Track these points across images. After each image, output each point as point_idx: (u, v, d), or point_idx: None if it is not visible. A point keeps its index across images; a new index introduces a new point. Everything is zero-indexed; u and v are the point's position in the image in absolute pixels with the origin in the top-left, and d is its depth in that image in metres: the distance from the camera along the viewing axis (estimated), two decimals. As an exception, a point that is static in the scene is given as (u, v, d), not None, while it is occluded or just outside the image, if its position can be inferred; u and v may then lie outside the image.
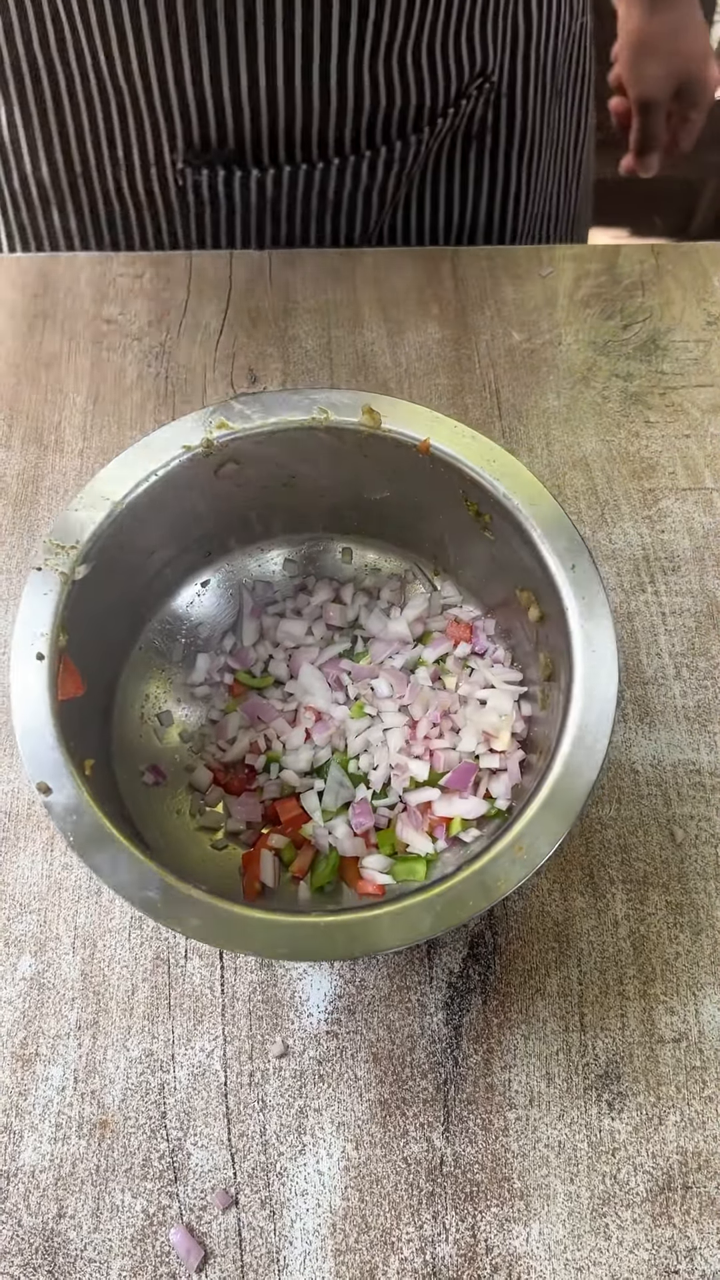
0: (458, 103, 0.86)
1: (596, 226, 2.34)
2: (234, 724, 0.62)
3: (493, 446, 0.55)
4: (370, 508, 0.63)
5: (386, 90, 0.81)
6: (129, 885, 0.45)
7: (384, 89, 0.81)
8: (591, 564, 0.52)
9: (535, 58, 0.89)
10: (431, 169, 0.91)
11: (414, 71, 0.81)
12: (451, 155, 0.91)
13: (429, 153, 0.88)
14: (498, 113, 0.90)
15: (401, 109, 0.83)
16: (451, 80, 0.84)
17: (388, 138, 0.85)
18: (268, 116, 0.80)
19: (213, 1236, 0.52)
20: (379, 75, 0.80)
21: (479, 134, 0.90)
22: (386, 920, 0.45)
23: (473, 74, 0.85)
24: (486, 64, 0.85)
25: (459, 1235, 0.52)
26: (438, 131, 0.86)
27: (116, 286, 0.83)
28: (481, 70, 0.85)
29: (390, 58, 0.79)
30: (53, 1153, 0.54)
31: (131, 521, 0.54)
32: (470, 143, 0.90)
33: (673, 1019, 0.57)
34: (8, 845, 0.61)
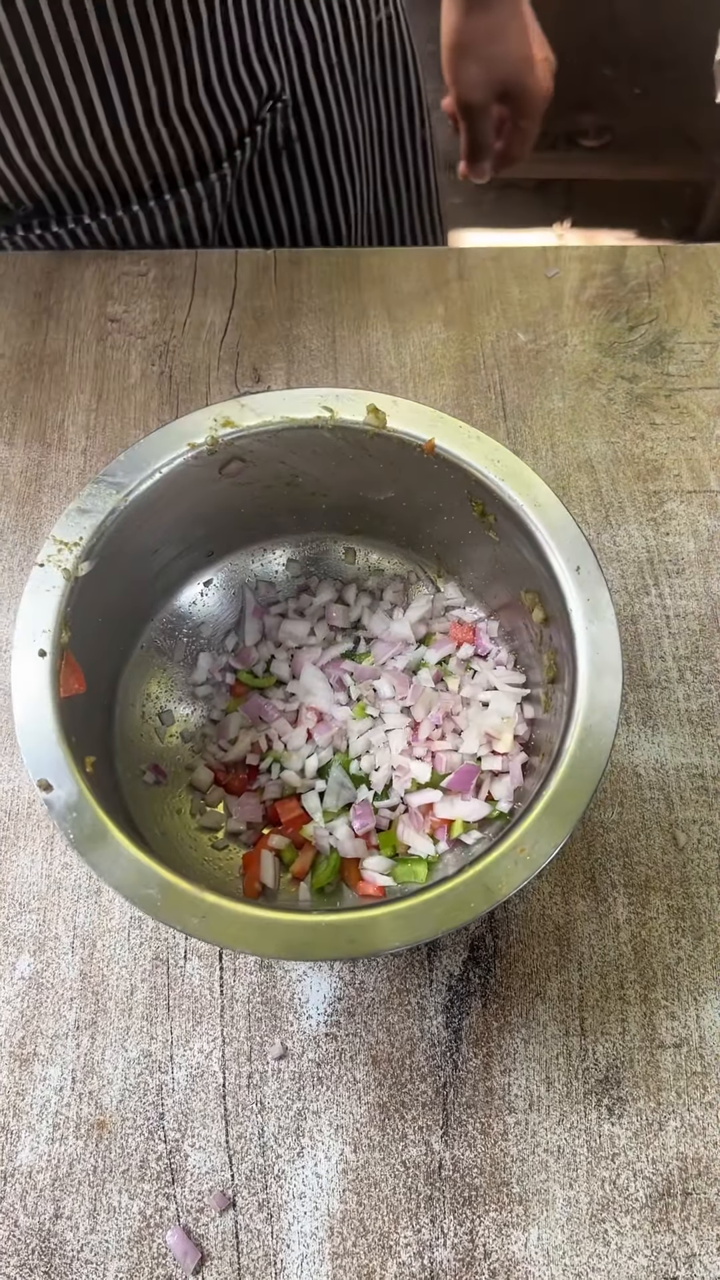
0: (253, 130, 0.84)
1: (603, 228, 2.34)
2: (235, 724, 0.62)
3: (498, 447, 0.55)
4: (374, 508, 0.63)
5: (172, 139, 0.79)
6: (129, 883, 0.45)
7: (170, 142, 0.79)
8: (596, 566, 0.52)
9: (326, 62, 0.87)
10: (248, 185, 0.89)
11: (197, 115, 0.79)
12: (265, 169, 0.89)
13: (238, 177, 0.87)
14: (300, 122, 0.88)
15: (195, 153, 0.82)
16: (240, 111, 0.82)
17: (189, 178, 0.83)
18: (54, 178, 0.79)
19: (210, 1238, 0.51)
20: (173, 123, 0.78)
21: (285, 146, 0.89)
22: (388, 921, 0.45)
23: (261, 99, 0.83)
24: (274, 85, 0.83)
25: (457, 1240, 0.51)
26: (242, 161, 0.85)
27: (121, 284, 0.83)
28: (270, 92, 0.84)
29: (181, 106, 0.77)
30: (50, 1153, 0.53)
31: (135, 519, 0.54)
32: (280, 154, 0.89)
33: (673, 1024, 0.56)
34: (7, 844, 0.61)
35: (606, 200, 2.37)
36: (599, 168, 2.40)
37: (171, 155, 0.80)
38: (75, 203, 0.82)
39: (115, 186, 0.81)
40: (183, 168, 0.82)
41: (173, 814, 0.59)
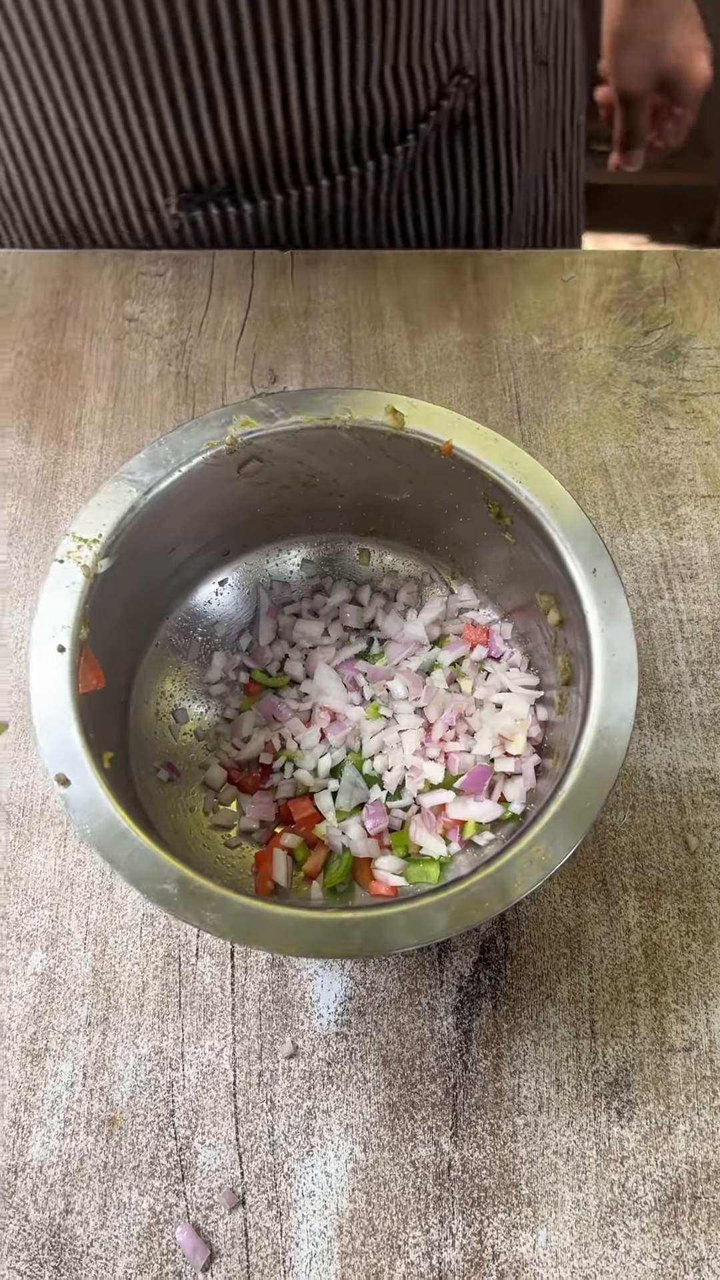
0: (439, 104, 0.85)
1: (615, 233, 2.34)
2: (249, 723, 0.62)
3: (515, 449, 0.55)
4: (389, 509, 0.63)
5: (368, 108, 0.80)
6: (145, 879, 0.45)
7: (366, 107, 0.80)
8: (613, 568, 0.52)
9: (511, 41, 0.87)
10: (420, 166, 0.90)
11: (394, 84, 0.80)
12: (439, 150, 0.89)
13: (417, 153, 0.87)
14: (479, 102, 0.88)
15: (385, 122, 0.82)
16: (431, 85, 0.83)
17: (374, 151, 0.84)
18: (253, 152, 0.80)
19: (219, 1236, 0.52)
20: (359, 95, 0.79)
21: (463, 125, 0.89)
22: (402, 919, 0.45)
23: (450, 73, 0.84)
24: (463, 60, 0.84)
25: (466, 1241, 0.51)
26: (422, 136, 0.86)
27: (139, 284, 0.83)
28: (458, 68, 0.84)
29: (370, 76, 0.78)
30: (61, 1148, 0.53)
31: (154, 517, 0.54)
32: (455, 134, 0.89)
33: (684, 1028, 0.56)
34: (21, 840, 0.61)
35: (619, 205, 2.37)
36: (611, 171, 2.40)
37: (365, 121, 0.81)
38: (264, 178, 0.83)
39: (306, 160, 0.82)
40: (370, 138, 0.83)
41: (186, 812, 0.59)
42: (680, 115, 1.05)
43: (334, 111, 0.79)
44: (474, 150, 0.91)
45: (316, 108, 0.78)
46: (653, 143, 1.09)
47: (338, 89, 0.78)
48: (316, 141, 0.81)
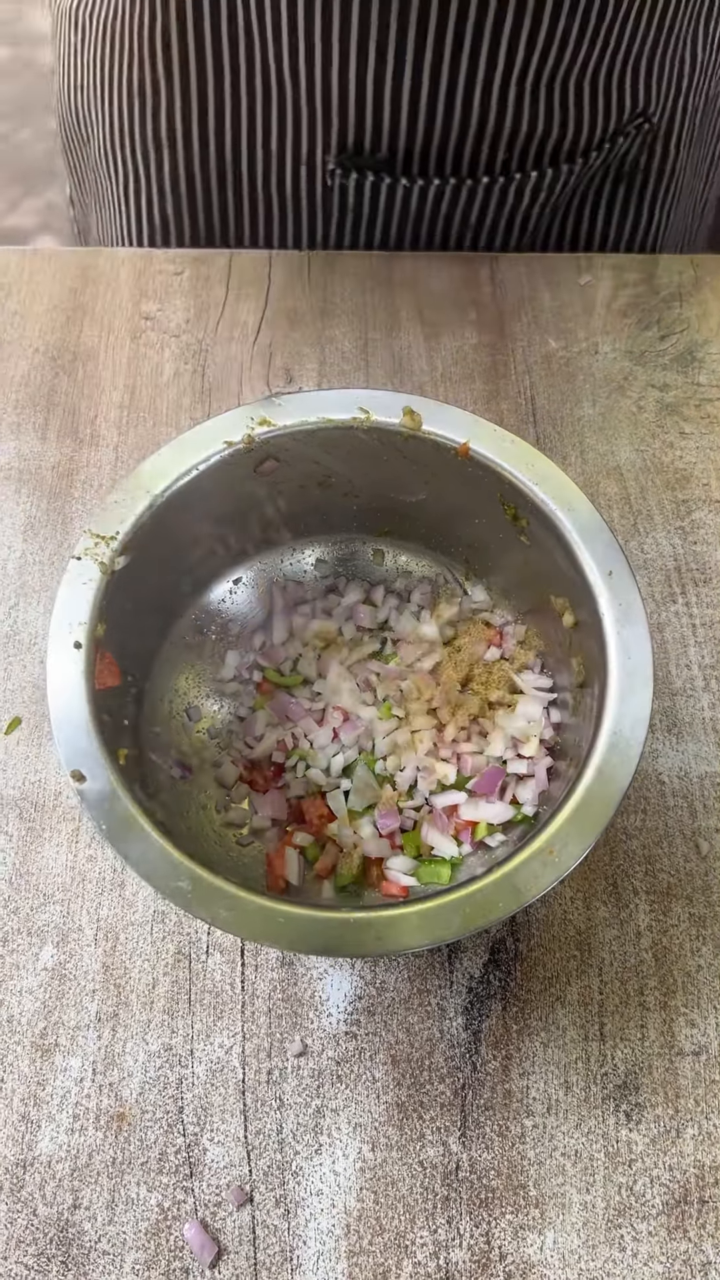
0: (614, 139, 0.85)
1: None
2: (261, 721, 0.62)
3: (532, 451, 0.55)
4: (404, 510, 0.63)
5: (544, 117, 0.81)
6: (160, 875, 0.45)
7: (540, 115, 0.80)
8: (629, 571, 0.52)
9: (694, 99, 0.88)
10: (578, 201, 0.90)
11: (574, 102, 0.80)
12: (600, 190, 0.90)
13: (576, 185, 0.87)
14: (651, 153, 0.88)
15: (556, 138, 0.83)
16: (611, 116, 0.83)
17: (538, 163, 0.84)
18: (424, 127, 0.80)
19: (227, 1233, 0.52)
20: (538, 101, 0.79)
21: (630, 173, 0.89)
22: (415, 919, 0.45)
23: (633, 113, 0.84)
24: (648, 104, 0.84)
25: (473, 1241, 0.51)
26: (589, 165, 0.85)
27: (156, 283, 0.83)
28: (642, 110, 0.84)
29: (552, 85, 0.79)
30: (69, 1143, 0.54)
31: (170, 515, 0.55)
32: (620, 181, 0.90)
33: (693, 1031, 0.56)
34: (33, 836, 0.61)
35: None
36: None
37: (538, 129, 0.82)
38: (426, 160, 0.83)
39: (471, 150, 0.83)
40: (538, 149, 0.83)
41: (198, 809, 0.59)
42: None
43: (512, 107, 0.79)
44: (632, 200, 0.92)
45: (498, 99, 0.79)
46: None
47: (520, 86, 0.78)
48: (488, 132, 0.81)
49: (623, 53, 0.79)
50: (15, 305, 0.82)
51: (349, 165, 0.83)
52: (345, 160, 0.83)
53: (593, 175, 0.87)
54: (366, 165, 0.83)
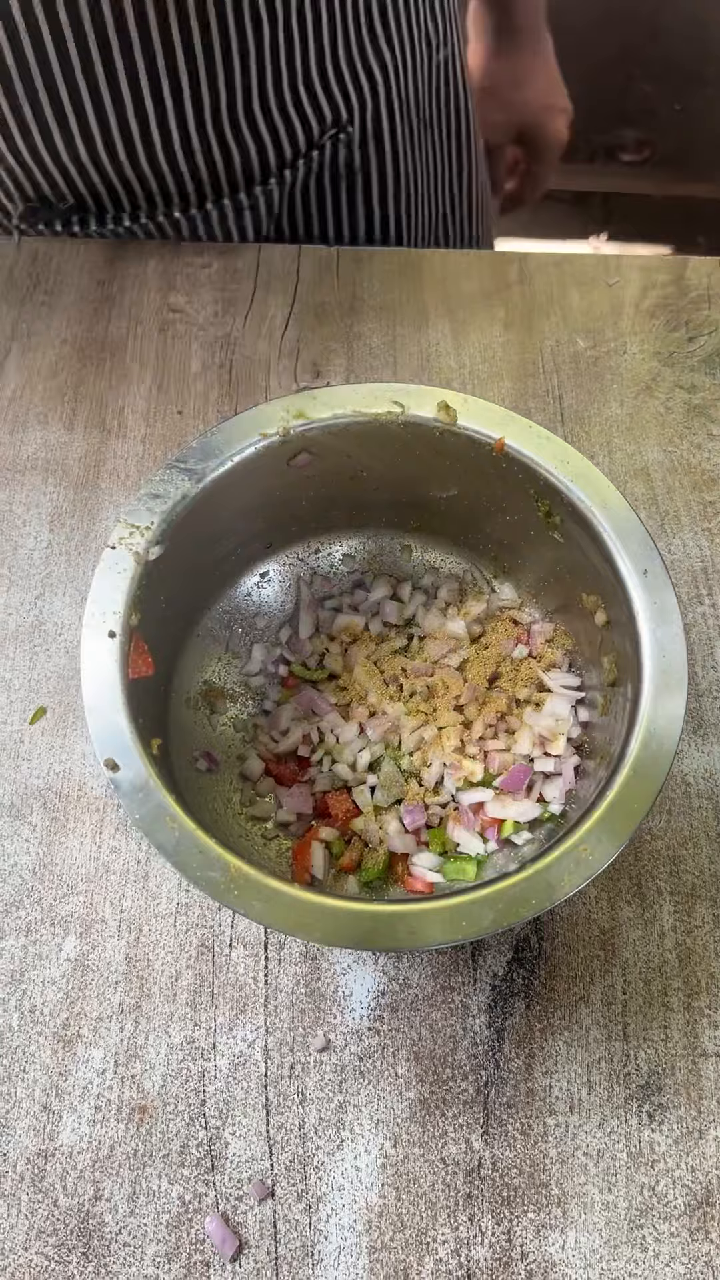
0: (309, 154, 0.84)
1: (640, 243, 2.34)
2: (287, 715, 0.62)
3: (567, 448, 0.55)
4: (434, 506, 0.63)
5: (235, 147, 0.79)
6: (193, 865, 0.45)
7: (231, 147, 0.79)
8: (664, 569, 0.52)
9: (397, 99, 0.86)
10: (302, 200, 0.88)
11: (264, 128, 0.79)
12: (322, 187, 0.88)
13: (285, 196, 0.86)
14: (365, 154, 0.87)
15: (243, 164, 0.81)
16: (298, 136, 0.81)
17: (233, 190, 0.83)
18: (99, 176, 0.79)
19: (248, 1227, 0.52)
20: (224, 135, 0.78)
21: (347, 174, 0.88)
22: (448, 914, 0.45)
23: (324, 128, 0.83)
24: (339, 117, 0.83)
25: (494, 1239, 0.51)
26: (291, 180, 0.84)
27: (184, 276, 0.83)
28: (334, 122, 0.83)
29: (234, 118, 0.77)
30: (91, 1135, 0.53)
31: (204, 506, 0.55)
32: (339, 180, 0.88)
33: (716, 1033, 0.56)
34: (57, 826, 0.61)
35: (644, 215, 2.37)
36: (637, 182, 2.41)
37: (219, 165, 0.80)
38: (117, 202, 0.82)
39: (160, 189, 0.81)
40: (229, 178, 0.82)
41: (224, 802, 0.59)
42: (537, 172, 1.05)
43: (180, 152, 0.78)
44: (359, 197, 0.90)
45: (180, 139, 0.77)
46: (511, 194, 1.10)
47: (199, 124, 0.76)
48: (168, 177, 0.80)
49: (289, 78, 0.77)
50: (42, 296, 0.82)
51: (36, 216, 0.82)
52: (31, 211, 0.82)
53: (304, 182, 0.86)
54: (54, 216, 0.82)
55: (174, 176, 0.80)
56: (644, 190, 2.40)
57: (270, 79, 0.77)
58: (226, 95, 0.76)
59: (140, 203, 0.82)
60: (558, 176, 1.09)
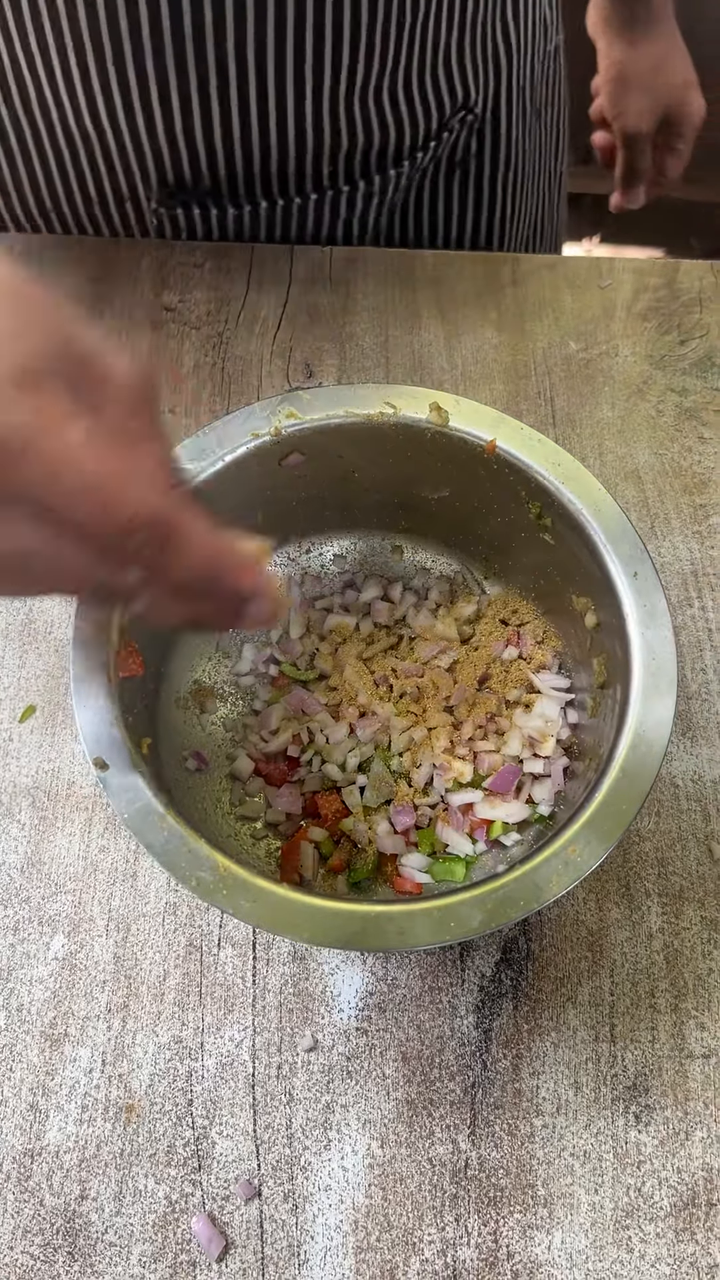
0: (439, 135, 0.85)
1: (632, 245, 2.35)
2: (277, 715, 0.62)
3: (558, 450, 0.55)
4: (425, 507, 0.63)
5: (364, 128, 0.80)
6: (182, 865, 0.45)
7: (362, 127, 0.80)
8: (654, 572, 0.52)
9: (515, 84, 0.88)
10: (415, 195, 0.90)
11: (392, 109, 0.80)
12: (435, 182, 0.90)
13: (409, 184, 0.87)
14: (481, 140, 0.89)
15: (381, 145, 0.82)
16: (432, 115, 0.83)
17: (367, 173, 0.84)
18: (242, 157, 0.80)
19: (234, 1227, 0.51)
20: (356, 114, 0.79)
21: (463, 162, 0.89)
22: (436, 915, 0.45)
23: (454, 107, 0.84)
24: (468, 96, 0.84)
25: (481, 1240, 0.51)
26: (418, 165, 0.85)
27: (177, 274, 0.83)
28: (464, 103, 0.84)
29: (367, 97, 0.78)
30: (78, 1134, 0.53)
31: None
32: (454, 170, 0.90)
33: (703, 1035, 0.56)
34: (45, 825, 0.61)
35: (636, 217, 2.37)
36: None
37: (360, 140, 0.81)
38: (251, 184, 0.83)
39: (296, 171, 0.82)
40: (364, 159, 0.83)
41: (212, 801, 0.59)
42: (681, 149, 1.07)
43: (329, 125, 0.78)
44: (470, 186, 0.92)
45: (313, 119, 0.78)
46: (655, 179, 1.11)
47: (334, 102, 0.77)
48: (309, 154, 0.80)
49: (431, 53, 0.79)
50: (35, 293, 0.82)
51: (172, 202, 0.83)
52: (166, 197, 0.83)
53: (425, 171, 0.87)
54: (190, 199, 0.83)
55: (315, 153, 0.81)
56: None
57: (417, 53, 0.78)
58: (378, 68, 0.77)
59: (273, 183, 0.83)
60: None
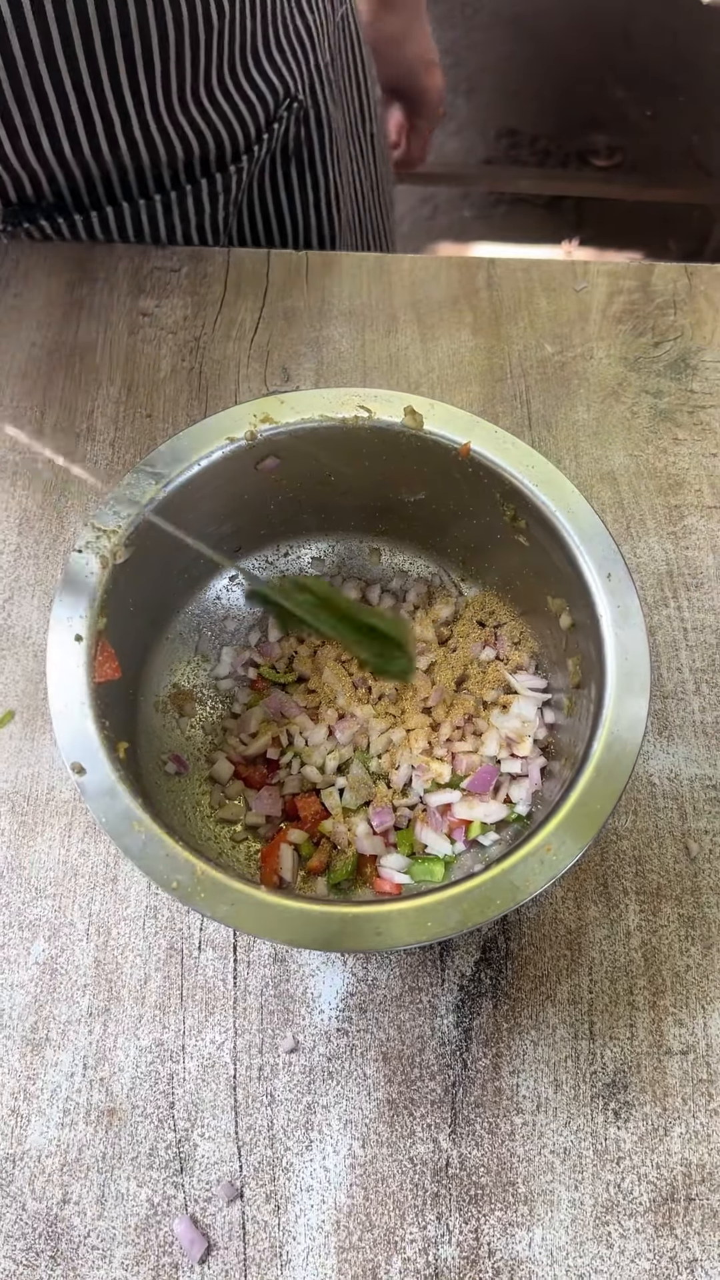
0: (270, 128, 0.85)
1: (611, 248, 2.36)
2: (256, 718, 0.62)
3: (532, 452, 0.56)
4: (402, 509, 0.64)
5: (194, 133, 0.80)
6: (160, 869, 0.45)
7: (192, 132, 0.80)
8: (627, 573, 0.53)
9: (320, 62, 0.88)
10: (258, 188, 0.90)
11: (215, 111, 0.80)
12: (274, 175, 0.90)
13: (251, 178, 0.88)
14: (306, 126, 0.89)
15: (216, 146, 0.82)
16: (257, 110, 0.83)
17: (208, 172, 0.84)
18: (81, 172, 0.79)
19: (216, 1228, 0.52)
20: (181, 121, 0.79)
21: (295, 151, 0.90)
22: (413, 914, 0.45)
23: (277, 99, 0.84)
24: (288, 86, 0.84)
25: (462, 1238, 0.52)
26: (257, 158, 0.86)
27: (153, 279, 0.83)
28: (286, 92, 0.85)
29: (187, 103, 0.78)
30: (60, 1138, 0.53)
31: (171, 510, 0.55)
32: (289, 159, 0.90)
33: (681, 1031, 0.57)
34: (25, 829, 0.61)
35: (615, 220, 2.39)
36: (609, 187, 2.43)
37: (194, 144, 0.81)
38: (94, 192, 0.82)
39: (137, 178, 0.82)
40: (203, 158, 0.83)
41: (192, 805, 0.59)
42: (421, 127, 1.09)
43: (158, 137, 0.78)
44: (306, 172, 0.92)
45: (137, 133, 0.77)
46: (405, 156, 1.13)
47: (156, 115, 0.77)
48: (146, 164, 0.80)
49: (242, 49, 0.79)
50: (11, 299, 0.82)
51: (16, 219, 0.82)
52: (10, 216, 0.82)
53: (263, 165, 0.88)
54: (35, 214, 0.83)
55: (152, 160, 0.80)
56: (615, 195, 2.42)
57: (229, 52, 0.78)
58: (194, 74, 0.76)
59: (116, 190, 0.83)
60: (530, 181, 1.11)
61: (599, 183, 2.43)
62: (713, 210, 2.36)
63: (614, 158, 2.46)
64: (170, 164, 0.82)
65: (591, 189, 2.42)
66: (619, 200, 2.40)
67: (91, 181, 0.81)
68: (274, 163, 0.89)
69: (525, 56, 2.48)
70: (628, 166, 2.45)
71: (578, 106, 2.48)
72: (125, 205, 0.83)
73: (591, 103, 2.48)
